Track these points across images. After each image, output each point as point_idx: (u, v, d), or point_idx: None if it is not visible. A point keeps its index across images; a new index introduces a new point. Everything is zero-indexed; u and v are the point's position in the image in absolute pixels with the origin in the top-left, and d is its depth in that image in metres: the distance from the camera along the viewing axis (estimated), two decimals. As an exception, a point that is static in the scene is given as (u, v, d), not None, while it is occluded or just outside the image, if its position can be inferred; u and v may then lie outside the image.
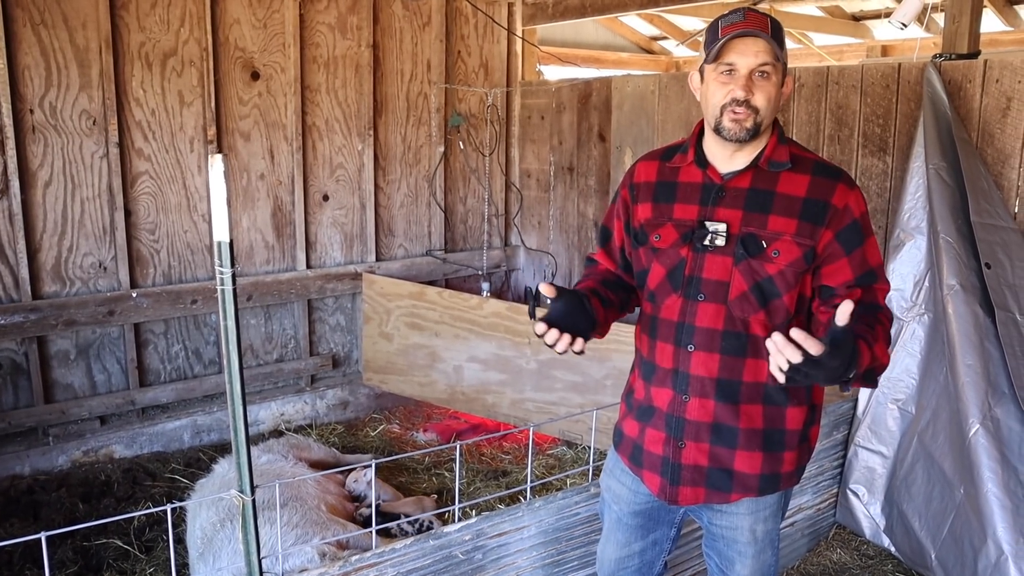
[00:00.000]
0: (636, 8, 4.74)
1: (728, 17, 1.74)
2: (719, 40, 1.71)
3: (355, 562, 1.98)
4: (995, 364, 2.66)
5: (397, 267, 4.81)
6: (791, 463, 1.85)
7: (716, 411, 1.78)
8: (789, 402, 1.80)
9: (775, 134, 1.80)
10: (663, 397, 1.83)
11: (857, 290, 1.73)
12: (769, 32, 1.69)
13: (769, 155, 1.77)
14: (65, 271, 3.80)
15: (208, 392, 4.27)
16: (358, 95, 4.54)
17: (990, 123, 3.04)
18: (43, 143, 3.66)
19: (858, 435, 3.10)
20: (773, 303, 1.75)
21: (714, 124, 1.76)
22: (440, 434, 4.38)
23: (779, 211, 1.74)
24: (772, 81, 1.72)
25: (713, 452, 1.80)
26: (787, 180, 1.76)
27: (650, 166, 1.93)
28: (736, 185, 1.78)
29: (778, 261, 1.73)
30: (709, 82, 1.77)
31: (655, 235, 1.84)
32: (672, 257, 1.81)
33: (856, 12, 6.69)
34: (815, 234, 1.73)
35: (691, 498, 1.84)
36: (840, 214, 1.74)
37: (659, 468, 1.85)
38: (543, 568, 2.32)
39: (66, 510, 3.38)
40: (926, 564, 2.82)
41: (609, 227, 2.01)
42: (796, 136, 3.72)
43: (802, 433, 1.85)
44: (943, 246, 2.83)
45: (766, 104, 1.72)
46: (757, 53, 1.70)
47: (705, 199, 1.80)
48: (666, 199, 1.86)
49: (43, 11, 3.58)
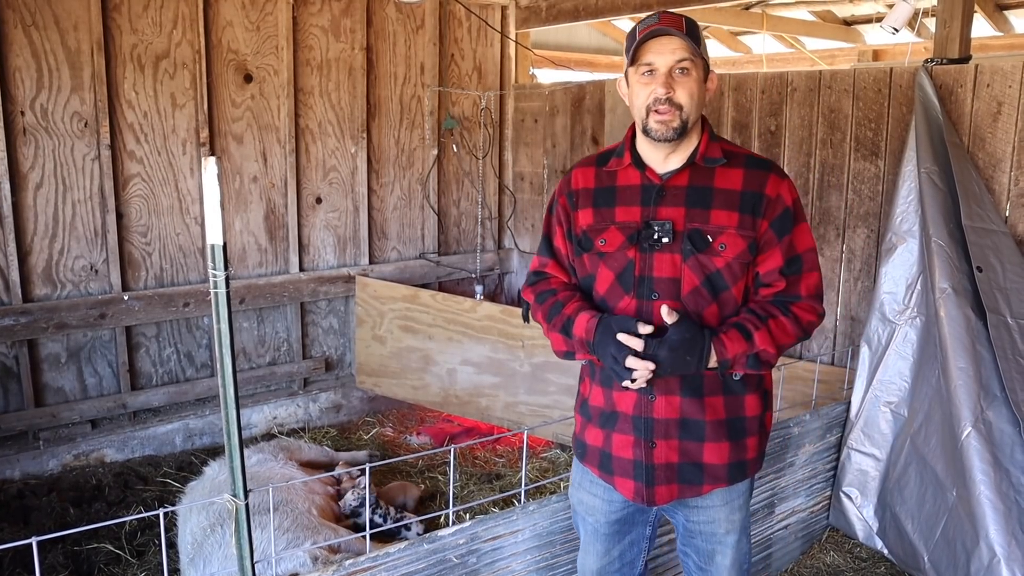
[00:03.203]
0: (629, 12, 4.75)
1: (644, 20, 1.80)
2: (636, 42, 1.77)
3: (349, 566, 1.97)
4: (987, 367, 2.67)
5: (390, 270, 4.80)
6: (754, 449, 1.91)
7: (682, 406, 1.82)
8: (746, 390, 1.87)
9: (706, 131, 1.86)
10: (627, 400, 1.85)
11: (782, 281, 1.82)
12: (684, 30, 1.75)
13: (704, 152, 1.83)
14: (56, 274, 3.78)
15: (200, 395, 4.25)
16: (351, 98, 4.53)
17: (981, 127, 3.06)
18: (34, 145, 3.64)
19: (851, 438, 3.10)
20: (723, 295, 1.81)
21: (643, 126, 1.81)
22: (433, 437, 4.37)
23: (720, 205, 1.80)
24: (693, 77, 1.77)
25: (683, 447, 1.84)
26: (723, 175, 1.83)
27: (587, 172, 1.95)
28: (675, 184, 1.83)
29: (725, 254, 1.78)
30: (633, 85, 1.83)
31: (600, 240, 1.86)
32: (620, 260, 1.83)
33: (847, 17, 6.71)
34: (755, 225, 1.80)
35: (667, 496, 1.87)
36: (773, 203, 1.81)
37: (632, 472, 1.86)
38: (537, 572, 2.32)
39: (57, 515, 3.36)
40: (919, 567, 2.83)
41: (550, 236, 2.02)
42: (788, 140, 3.73)
43: (760, 419, 1.91)
44: (935, 250, 2.84)
45: (689, 100, 1.77)
46: (674, 50, 1.75)
47: (647, 200, 1.84)
48: (607, 203, 1.88)
49: (34, 12, 3.56)
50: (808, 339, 1.90)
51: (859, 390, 3.09)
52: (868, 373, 3.07)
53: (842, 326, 3.64)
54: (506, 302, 5.24)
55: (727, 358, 1.74)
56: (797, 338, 1.83)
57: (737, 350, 1.74)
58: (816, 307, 1.85)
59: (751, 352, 1.75)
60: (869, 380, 3.07)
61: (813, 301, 1.85)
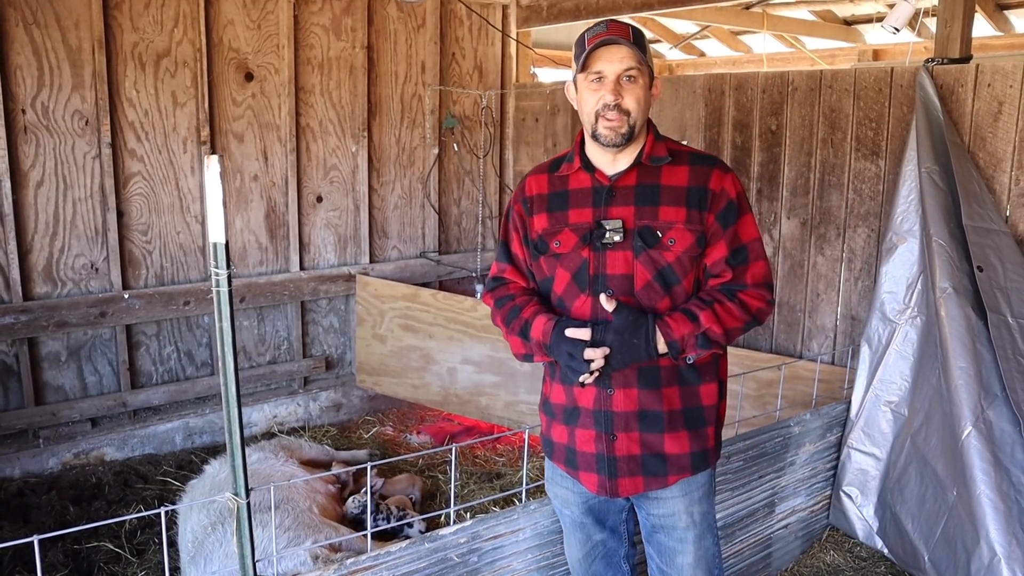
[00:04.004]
0: (630, 11, 4.75)
1: (593, 29, 1.86)
2: (586, 50, 1.82)
3: (350, 565, 1.97)
4: (987, 367, 2.67)
5: (391, 269, 4.80)
6: (712, 438, 1.96)
7: (640, 399, 1.87)
8: (701, 379, 1.91)
9: (651, 133, 1.92)
10: (587, 396, 1.90)
11: (728, 272, 1.88)
12: (631, 39, 1.82)
13: (650, 152, 1.90)
14: (56, 272, 3.78)
15: (200, 394, 4.25)
16: (352, 96, 4.53)
17: (982, 127, 3.06)
18: (35, 143, 3.64)
19: (851, 437, 3.10)
20: (675, 289, 1.87)
21: (591, 131, 1.88)
22: (433, 436, 4.37)
23: (668, 202, 1.87)
24: (639, 84, 1.84)
25: (644, 439, 1.88)
26: (669, 173, 1.90)
27: (540, 179, 2.02)
28: (624, 184, 1.90)
29: (675, 249, 1.85)
30: (582, 91, 1.89)
31: (555, 242, 1.93)
32: (574, 260, 1.90)
33: (848, 16, 6.71)
34: (702, 219, 1.87)
35: (631, 488, 1.91)
36: (717, 197, 1.88)
37: (595, 466, 1.92)
38: (538, 571, 2.32)
39: (57, 513, 3.36)
40: (919, 566, 2.83)
41: (508, 243, 2.07)
42: (789, 139, 3.73)
43: (716, 408, 1.96)
44: (936, 249, 2.84)
45: (636, 106, 1.84)
46: (622, 59, 1.82)
47: (597, 201, 1.91)
48: (560, 207, 1.95)
49: (35, 11, 3.56)
50: (759, 325, 1.94)
51: (859, 389, 3.09)
52: (868, 372, 3.07)
53: (842, 325, 3.64)
54: (506, 301, 5.24)
55: (675, 339, 1.79)
56: (745, 323, 1.88)
57: (684, 331, 1.79)
58: (764, 294, 1.90)
59: (698, 332, 1.80)
60: (869, 379, 3.07)
61: (760, 289, 1.89)
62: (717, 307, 1.83)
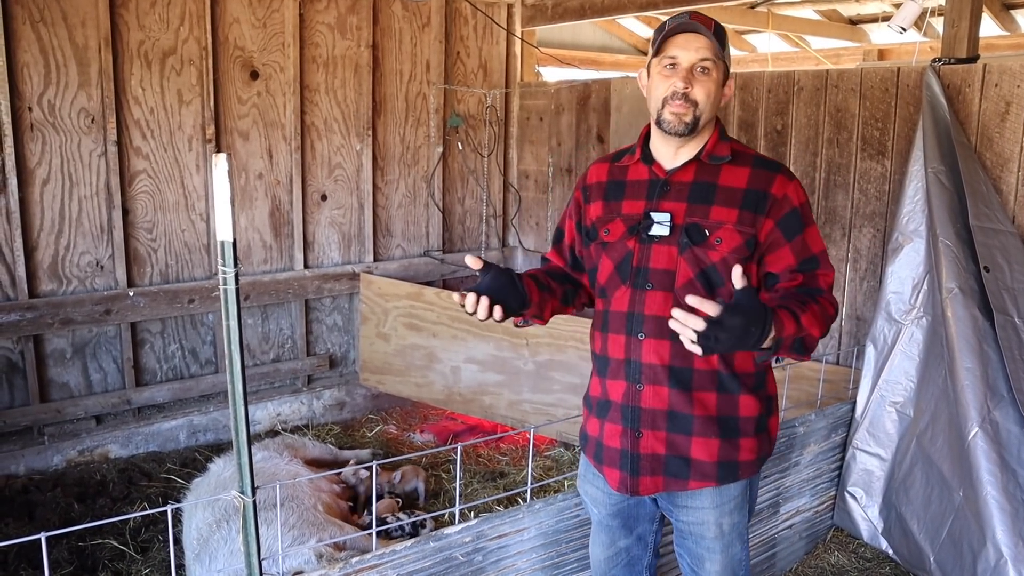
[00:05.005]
0: (635, 10, 4.74)
1: (675, 16, 1.83)
2: (664, 33, 1.81)
3: (355, 564, 1.97)
4: (994, 367, 2.66)
5: (395, 267, 4.80)
6: (750, 451, 1.88)
7: (670, 398, 1.83)
8: (741, 390, 1.85)
9: (716, 131, 1.88)
10: (618, 389, 1.88)
11: (799, 275, 1.81)
12: (711, 31, 1.79)
13: (710, 150, 1.86)
14: (62, 269, 3.79)
15: (204, 392, 4.26)
16: (357, 95, 4.53)
17: (989, 127, 3.05)
18: (41, 141, 3.65)
19: (856, 438, 3.10)
20: (719, 291, 1.80)
21: (656, 117, 1.84)
22: (437, 435, 4.37)
23: (721, 202, 1.82)
24: (712, 78, 1.80)
25: (670, 439, 1.84)
26: (728, 173, 1.84)
27: (601, 168, 2.02)
28: (680, 179, 1.86)
29: (720, 248, 1.79)
30: (654, 76, 1.86)
31: (604, 230, 1.92)
32: (620, 250, 1.87)
33: (853, 16, 6.70)
34: (756, 222, 1.80)
35: (651, 487, 1.88)
36: (779, 203, 1.81)
37: (617, 462, 1.89)
38: (543, 570, 2.32)
39: (61, 510, 3.36)
40: (925, 567, 2.83)
41: (562, 228, 2.10)
42: (795, 139, 3.72)
43: (758, 422, 1.89)
44: (942, 250, 2.83)
45: (705, 99, 1.79)
46: (698, 49, 1.78)
47: (651, 194, 1.88)
48: (615, 197, 1.94)
49: (42, 8, 3.56)
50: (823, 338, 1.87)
51: (864, 390, 3.09)
52: (874, 373, 3.06)
53: (847, 325, 3.63)
54: (510, 300, 5.23)
55: (782, 336, 1.66)
56: (826, 330, 1.79)
57: (790, 330, 1.67)
58: (834, 301, 1.84)
59: (799, 335, 1.70)
60: (875, 380, 3.06)
61: (831, 295, 1.84)
62: (812, 310, 1.73)
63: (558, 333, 3.93)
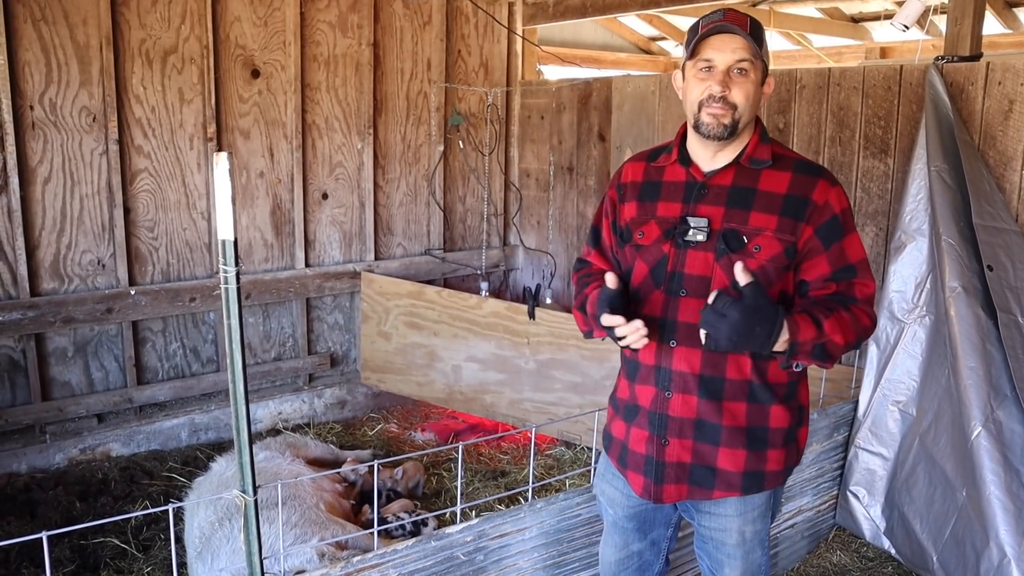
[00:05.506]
0: (636, 8, 4.74)
1: (709, 16, 1.75)
2: (698, 35, 1.73)
3: (357, 563, 1.97)
4: (997, 366, 2.65)
5: (396, 266, 4.79)
6: (777, 462, 1.84)
7: (699, 407, 1.78)
8: (773, 400, 1.81)
9: (757, 132, 1.81)
10: (646, 395, 1.84)
11: (832, 284, 1.75)
12: (748, 30, 1.71)
13: (751, 153, 1.79)
14: (64, 268, 3.78)
15: (206, 391, 4.25)
16: (358, 93, 4.52)
17: (992, 125, 3.04)
18: (43, 139, 3.64)
19: (858, 437, 3.09)
20: None
21: (694, 121, 1.78)
22: (438, 434, 4.37)
23: (760, 207, 1.75)
24: (750, 78, 1.73)
25: (696, 449, 1.81)
26: (768, 177, 1.78)
27: (637, 167, 1.95)
28: (718, 183, 1.80)
29: (759, 256, 1.73)
30: (689, 79, 1.79)
31: (639, 232, 1.86)
32: (654, 253, 1.82)
33: (855, 14, 6.69)
34: (796, 230, 1.74)
35: (675, 495, 1.85)
36: (820, 210, 1.75)
37: (642, 468, 1.86)
38: (544, 569, 2.31)
39: (63, 508, 3.37)
40: (927, 567, 2.82)
41: (598, 227, 2.03)
42: (797, 138, 3.72)
43: (788, 433, 1.85)
44: (945, 248, 2.82)
45: (744, 101, 1.73)
46: (735, 50, 1.71)
47: (688, 196, 1.82)
48: (651, 198, 1.87)
49: (44, 7, 3.56)
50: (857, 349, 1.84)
51: (867, 389, 3.08)
52: (876, 372, 3.06)
53: (850, 325, 3.62)
54: (511, 299, 5.24)
55: (798, 340, 1.63)
56: (857, 339, 1.73)
57: (809, 335, 1.64)
58: (872, 312, 1.77)
59: (820, 340, 1.65)
60: (877, 379, 3.06)
61: (869, 306, 1.77)
62: (838, 316, 1.69)
63: (559, 332, 3.93)
